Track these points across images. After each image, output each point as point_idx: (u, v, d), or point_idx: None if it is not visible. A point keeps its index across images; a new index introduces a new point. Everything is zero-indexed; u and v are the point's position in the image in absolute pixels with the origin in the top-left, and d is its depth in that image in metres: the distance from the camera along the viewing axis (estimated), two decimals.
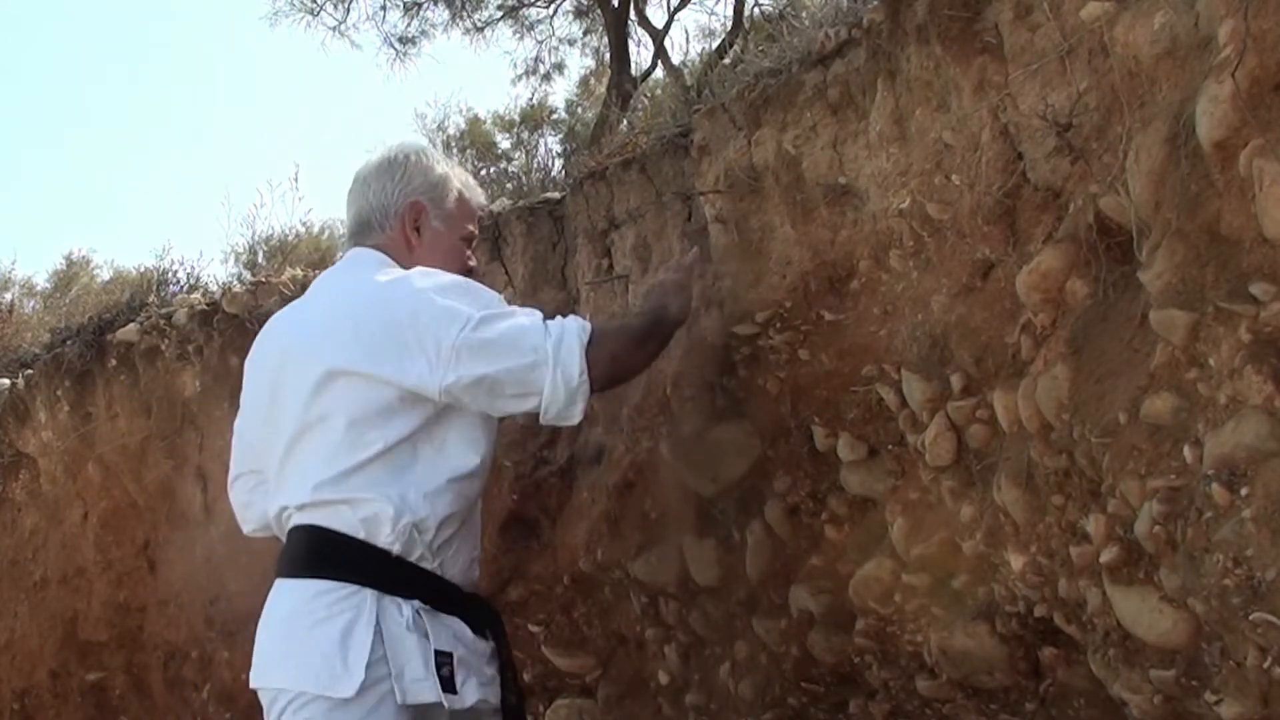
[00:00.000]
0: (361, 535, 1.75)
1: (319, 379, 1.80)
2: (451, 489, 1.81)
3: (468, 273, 1.98)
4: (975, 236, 1.78)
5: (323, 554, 1.78)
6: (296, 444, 1.83)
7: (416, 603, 1.76)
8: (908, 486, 1.94)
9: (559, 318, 1.84)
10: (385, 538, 1.75)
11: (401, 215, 1.97)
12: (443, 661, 1.74)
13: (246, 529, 2.12)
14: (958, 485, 1.83)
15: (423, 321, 1.75)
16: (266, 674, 1.77)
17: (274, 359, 1.94)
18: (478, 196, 2.11)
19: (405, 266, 1.90)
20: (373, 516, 1.75)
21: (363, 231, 1.99)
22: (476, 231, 2.09)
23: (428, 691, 1.71)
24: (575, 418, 1.82)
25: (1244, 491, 1.29)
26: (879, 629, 1.98)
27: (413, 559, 1.77)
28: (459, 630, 1.81)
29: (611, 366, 1.84)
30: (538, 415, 1.82)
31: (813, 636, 2.09)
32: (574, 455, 2.57)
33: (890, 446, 1.98)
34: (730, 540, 2.24)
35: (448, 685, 1.73)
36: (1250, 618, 1.28)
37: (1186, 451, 1.38)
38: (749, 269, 2.16)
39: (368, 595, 1.73)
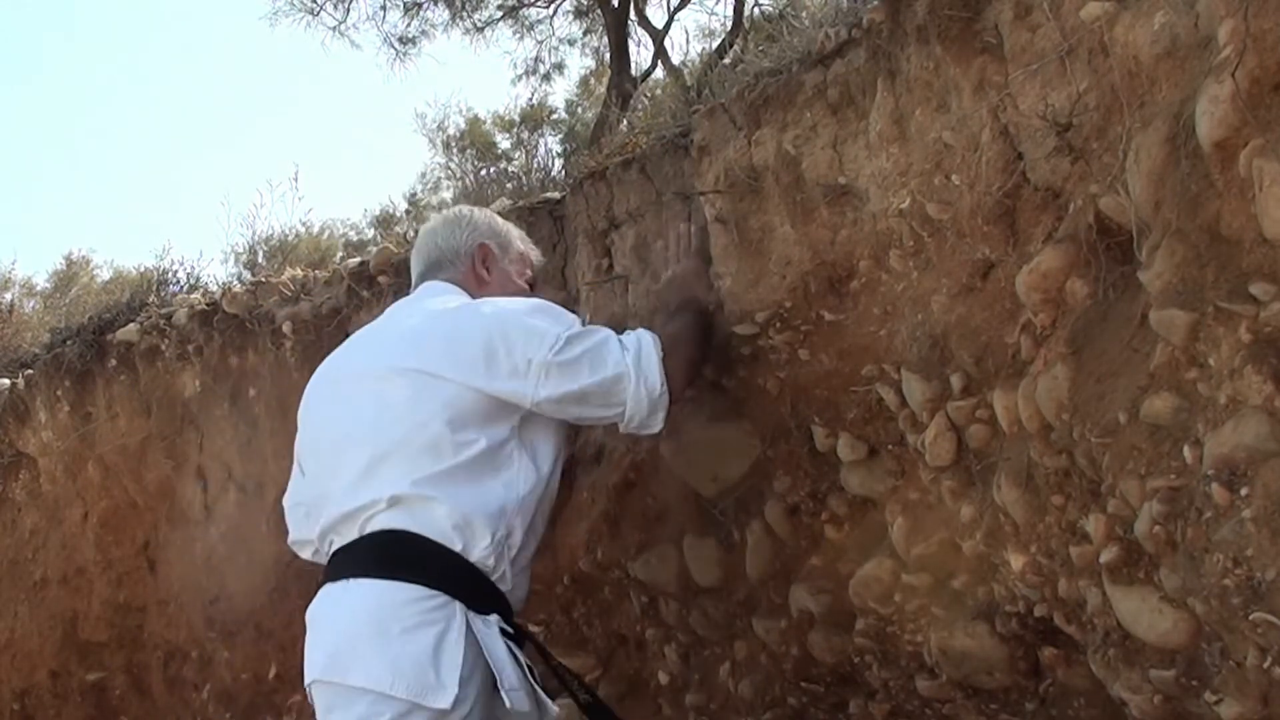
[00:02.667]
0: (454, 545, 1.77)
1: (413, 383, 1.84)
2: (539, 500, 1.88)
3: None
4: (975, 236, 1.78)
5: (412, 559, 1.77)
6: (388, 445, 1.83)
7: (495, 618, 1.78)
8: (908, 486, 1.94)
9: (629, 332, 1.96)
10: (478, 549, 1.78)
11: (471, 255, 2.13)
12: (532, 674, 1.79)
13: (305, 554, 2.11)
14: (958, 485, 1.83)
15: (514, 339, 1.85)
16: (346, 671, 1.72)
17: (353, 372, 1.98)
18: (534, 251, 2.28)
19: (472, 295, 2.03)
20: (469, 523, 1.77)
21: (433, 270, 2.12)
22: (534, 278, 2.24)
23: (525, 700, 1.74)
24: (657, 426, 1.93)
25: (1244, 491, 1.29)
26: (879, 629, 1.98)
27: (494, 577, 1.80)
28: (522, 649, 1.84)
29: (688, 373, 1.99)
30: (618, 426, 1.93)
31: (813, 636, 2.09)
32: (574, 455, 2.57)
33: (890, 446, 1.98)
34: (730, 540, 2.24)
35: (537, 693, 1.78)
36: (1250, 618, 1.28)
37: (1186, 451, 1.38)
38: (749, 269, 2.16)
39: (457, 607, 1.74)
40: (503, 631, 1.78)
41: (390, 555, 1.78)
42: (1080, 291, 1.61)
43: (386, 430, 1.84)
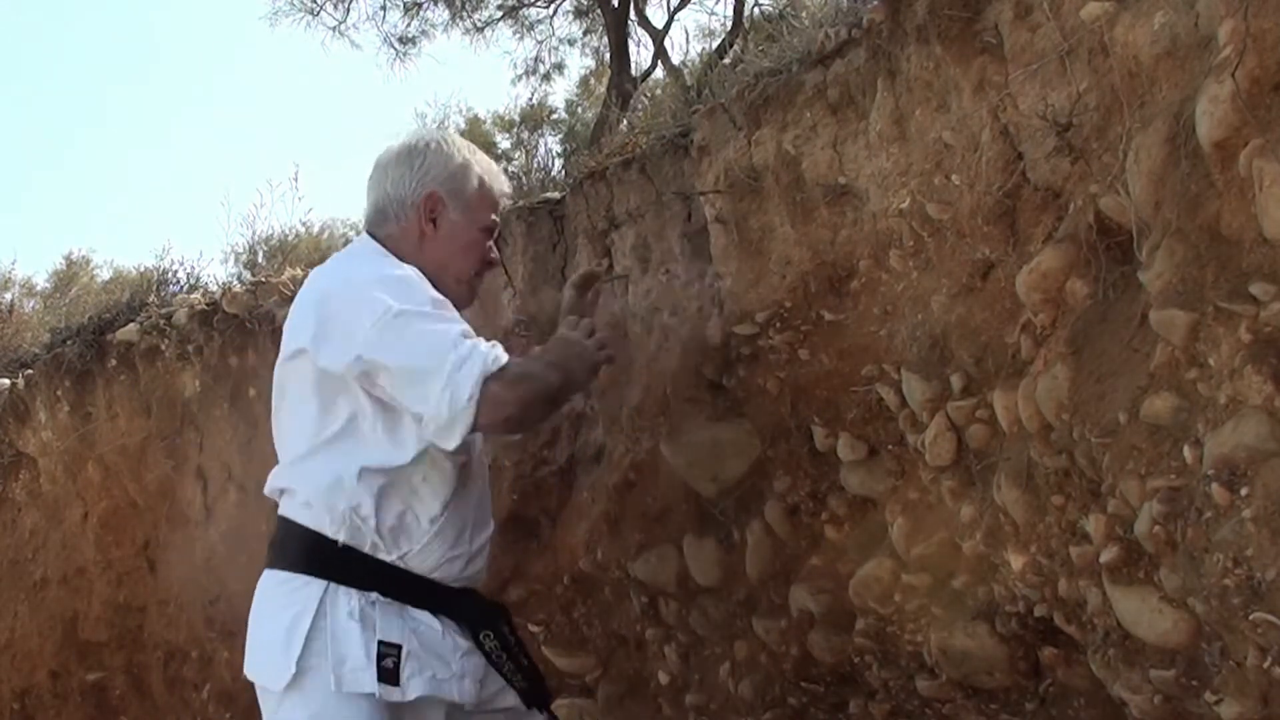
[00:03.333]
0: (311, 524, 1.79)
1: (295, 364, 1.85)
2: (391, 477, 1.80)
3: (488, 265, 1.99)
4: (975, 236, 1.78)
5: (283, 544, 1.83)
6: (281, 433, 1.91)
7: (374, 594, 1.77)
8: (908, 486, 1.94)
9: (480, 343, 1.75)
10: (330, 525, 1.78)
11: (418, 206, 1.94)
12: (386, 653, 1.74)
13: None
14: (958, 485, 1.83)
15: (349, 306, 1.78)
16: (248, 666, 1.82)
17: (279, 362, 1.98)
18: (501, 184, 2.05)
19: (415, 259, 1.89)
20: (311, 501, 1.80)
21: (378, 221, 1.98)
22: (498, 220, 2.05)
23: (365, 682, 1.71)
24: (451, 442, 1.74)
25: (1244, 491, 1.29)
26: (879, 629, 1.98)
27: (365, 549, 1.78)
28: (422, 624, 1.80)
29: (501, 410, 1.73)
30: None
31: (813, 636, 2.09)
32: (574, 455, 2.57)
33: (890, 446, 1.98)
34: (730, 540, 2.24)
35: (388, 677, 1.73)
36: (1250, 618, 1.28)
37: (1186, 451, 1.38)
38: (749, 269, 2.16)
39: (317, 586, 1.76)
40: (386, 604, 1.77)
41: (276, 544, 1.85)
42: (1080, 291, 1.61)
43: (281, 419, 1.91)
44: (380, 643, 1.74)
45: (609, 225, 2.56)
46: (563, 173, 3.71)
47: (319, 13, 9.15)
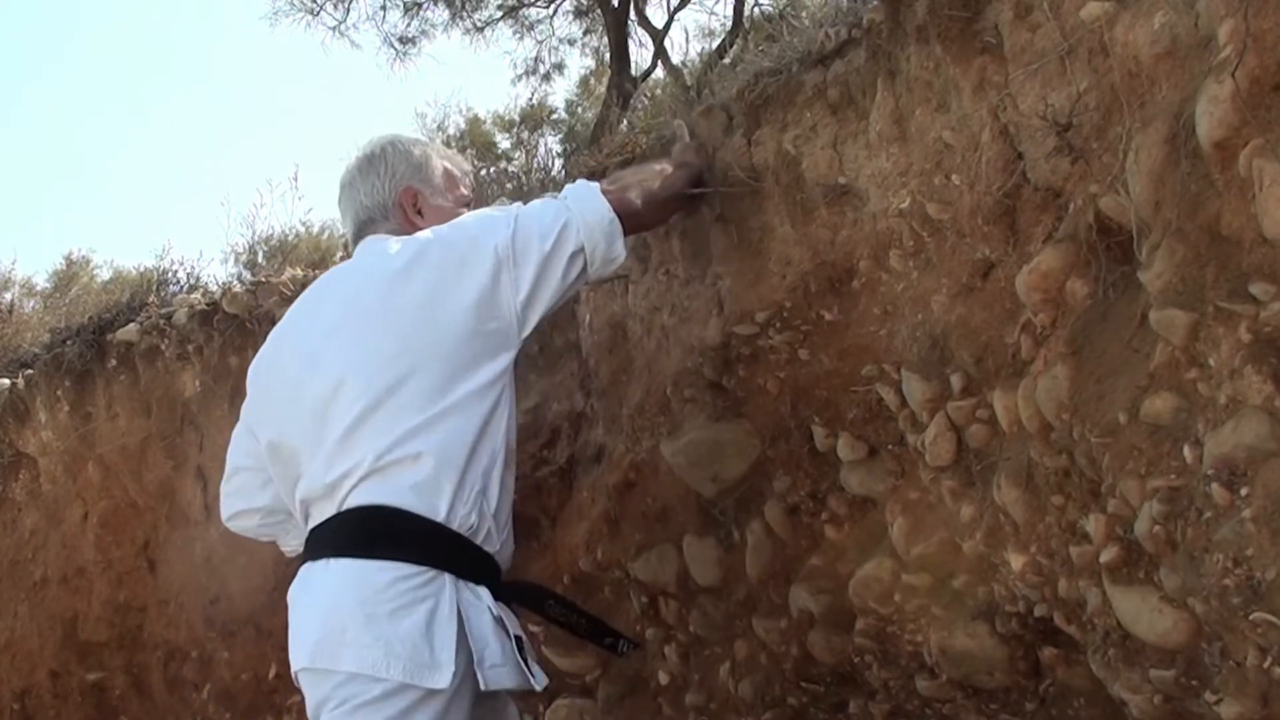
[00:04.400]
0: (439, 516, 1.72)
1: (386, 333, 1.78)
2: (509, 453, 1.87)
3: None
4: (975, 236, 1.78)
5: (395, 535, 1.71)
6: (372, 399, 1.76)
7: (485, 590, 1.75)
8: (908, 486, 1.94)
9: (567, 185, 1.97)
10: (461, 515, 1.73)
11: (400, 205, 2.00)
12: (520, 646, 1.75)
13: (234, 525, 2.08)
14: (958, 485, 1.83)
15: (482, 236, 1.84)
16: (337, 657, 1.67)
17: (309, 342, 1.88)
18: (461, 163, 2.14)
19: None
20: (446, 488, 1.72)
21: (366, 228, 2.00)
22: (470, 194, 2.12)
23: (507, 677, 1.71)
24: (619, 256, 1.92)
25: (1244, 491, 1.29)
26: (879, 629, 1.98)
27: (479, 540, 1.76)
28: (513, 616, 1.82)
29: (631, 202, 1.95)
30: (587, 274, 1.92)
31: (813, 636, 2.09)
32: (574, 455, 2.57)
33: (890, 446, 1.98)
34: (730, 540, 2.24)
35: (525, 665, 1.74)
36: (1250, 618, 1.28)
37: (1186, 451, 1.38)
38: (749, 269, 2.16)
39: (446, 580, 1.70)
40: (495, 599, 1.77)
41: (370, 531, 1.72)
42: (1080, 291, 1.61)
43: (365, 388, 1.76)
44: (515, 637, 1.76)
45: None
46: (563, 173, 3.72)
47: (319, 13, 9.16)
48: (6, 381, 3.84)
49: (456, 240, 1.84)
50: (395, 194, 1.99)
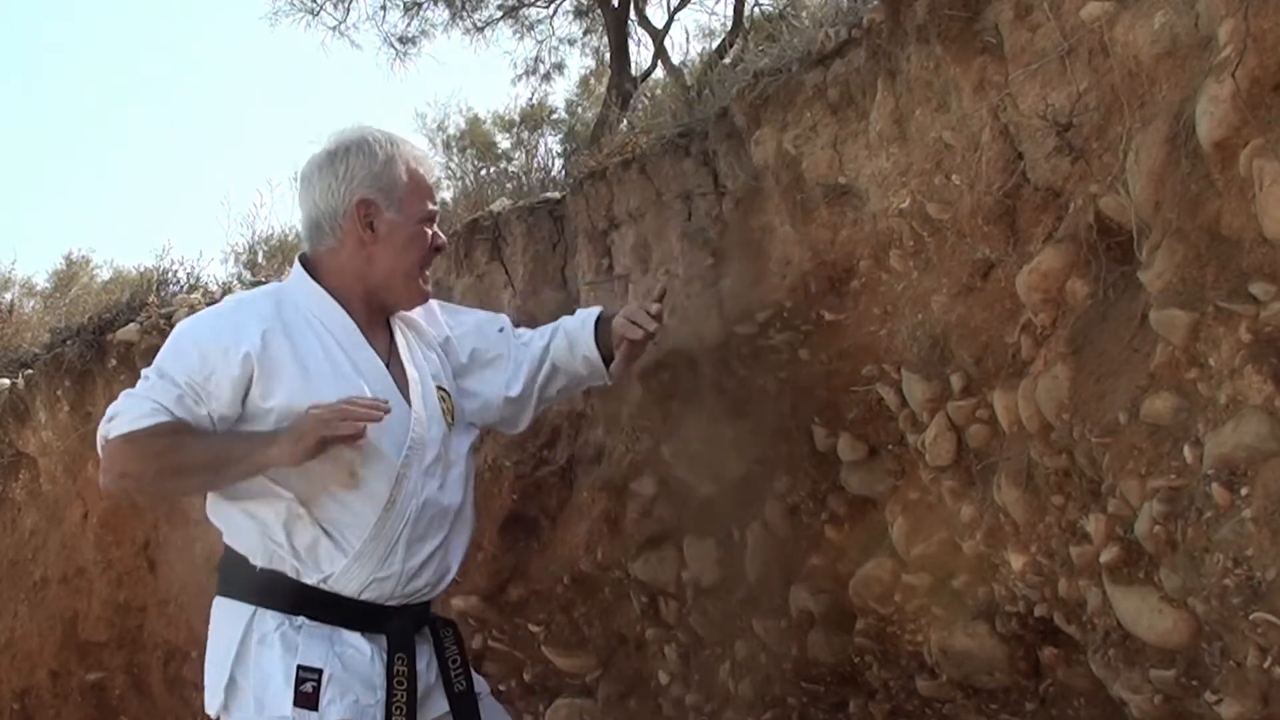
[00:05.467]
0: (239, 548, 1.84)
1: None
2: (292, 502, 1.79)
3: (435, 251, 1.95)
4: (975, 236, 1.78)
5: (222, 571, 1.90)
6: None
7: (302, 618, 1.77)
8: (908, 486, 1.94)
9: (149, 404, 1.82)
10: (251, 548, 1.82)
11: (351, 216, 1.87)
12: (305, 677, 1.73)
13: None
14: (958, 485, 1.83)
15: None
16: None
17: None
18: (429, 168, 1.98)
19: (360, 267, 1.88)
20: (235, 526, 1.85)
21: (316, 237, 1.92)
22: (436, 207, 1.98)
23: (283, 706, 1.72)
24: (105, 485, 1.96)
25: (1244, 491, 1.29)
26: (879, 629, 1.98)
27: (287, 573, 1.79)
28: (350, 648, 1.78)
29: (108, 475, 1.92)
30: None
31: (813, 636, 2.09)
32: (574, 455, 2.57)
33: (890, 446, 1.97)
34: (730, 540, 2.24)
35: (306, 701, 1.71)
36: (1250, 618, 1.28)
37: (1186, 451, 1.38)
38: (749, 269, 2.16)
39: (247, 611, 1.79)
40: (314, 627, 1.77)
41: (219, 569, 1.93)
42: (1080, 291, 1.61)
43: None
44: (300, 667, 1.73)
45: (609, 225, 2.56)
46: (563, 173, 3.71)
47: (319, 13, 9.14)
48: (6, 381, 3.84)
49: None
50: (349, 202, 1.87)
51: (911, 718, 2.00)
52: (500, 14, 10.10)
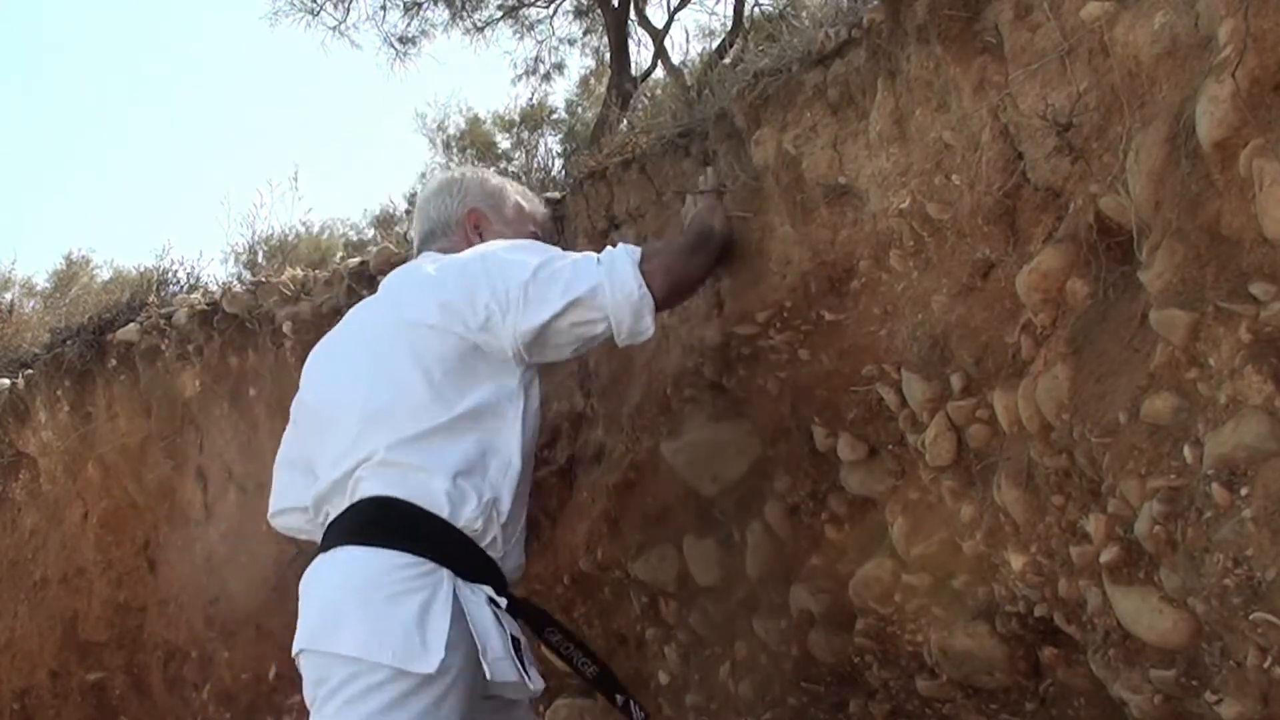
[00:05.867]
0: (433, 508, 1.76)
1: (405, 336, 1.86)
2: (525, 467, 1.87)
3: None
4: (975, 236, 1.78)
5: (399, 526, 1.76)
6: (377, 406, 1.83)
7: (486, 588, 1.77)
8: (908, 486, 1.94)
9: (610, 249, 1.93)
10: (467, 516, 1.77)
11: (462, 223, 2.10)
12: (517, 646, 1.77)
13: (277, 522, 2.13)
14: (958, 485, 1.83)
15: (492, 272, 1.85)
16: (333, 639, 1.71)
17: (346, 341, 2.02)
18: (536, 206, 2.23)
19: None
20: (455, 490, 1.77)
21: (428, 242, 2.11)
22: (539, 234, 2.19)
23: (510, 671, 1.72)
24: (647, 331, 1.89)
25: (1244, 491, 1.29)
26: (879, 629, 1.98)
27: (484, 544, 1.79)
28: (511, 619, 1.82)
29: (667, 278, 1.92)
30: (614, 341, 1.90)
31: (813, 636, 2.09)
32: (574, 455, 2.57)
33: (890, 446, 1.98)
34: (730, 540, 2.24)
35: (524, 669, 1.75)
36: (1250, 618, 1.28)
37: (1186, 451, 1.38)
38: (749, 269, 2.16)
39: (444, 574, 1.73)
40: (491, 601, 1.77)
41: (376, 521, 1.77)
42: (1080, 291, 1.61)
43: (378, 390, 1.85)
44: (511, 636, 1.77)
45: (609, 225, 2.56)
46: (563, 173, 3.71)
47: (319, 13, 9.16)
48: (6, 381, 3.84)
49: (474, 272, 1.87)
50: (461, 212, 2.10)
51: (911, 718, 2.00)
52: (500, 14, 10.12)
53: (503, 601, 1.79)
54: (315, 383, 2.05)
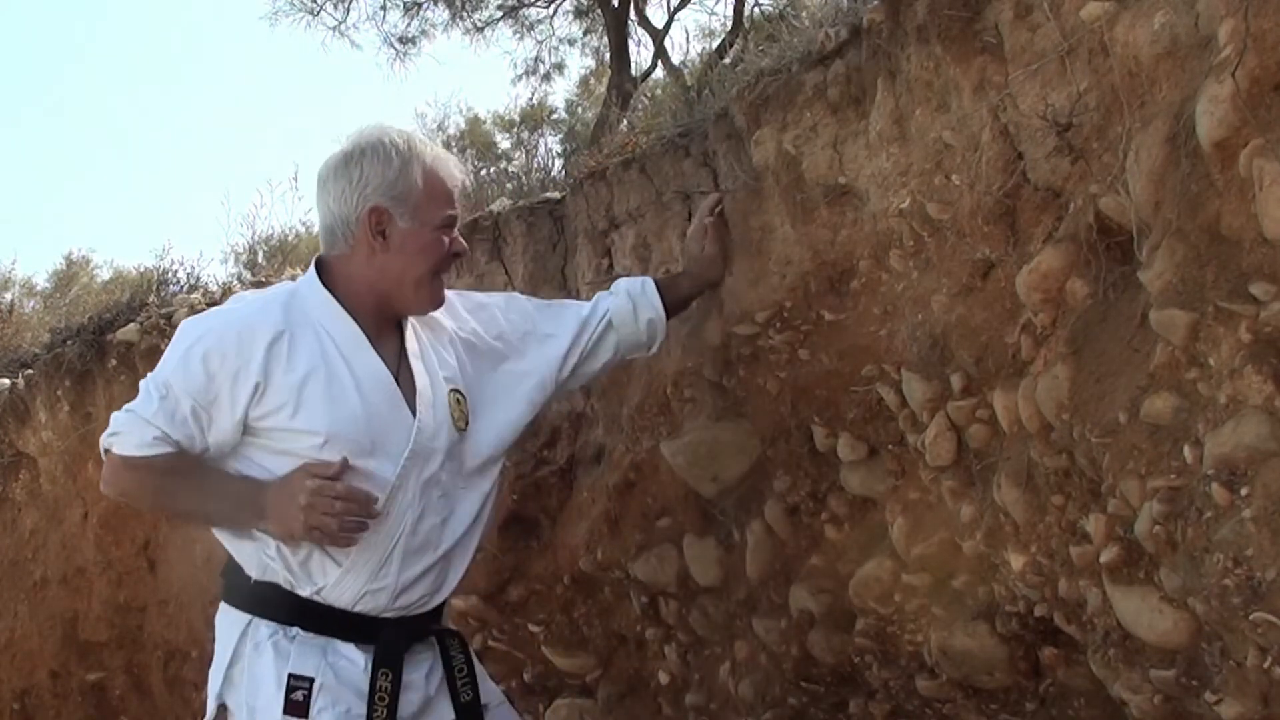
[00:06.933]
0: (236, 558, 1.85)
1: None
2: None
3: (453, 257, 1.91)
4: (975, 236, 1.78)
5: (224, 577, 1.91)
6: None
7: (296, 629, 1.77)
8: (908, 486, 1.94)
9: (141, 421, 1.76)
10: (246, 559, 1.83)
11: (363, 223, 1.82)
12: (296, 685, 1.73)
13: None
14: (958, 485, 1.83)
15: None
16: None
17: None
18: (451, 172, 1.90)
19: (371, 274, 1.84)
20: (231, 539, 1.84)
21: (330, 242, 1.89)
22: (455, 212, 1.91)
23: (273, 712, 1.73)
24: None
25: (1244, 491, 1.29)
26: (879, 629, 1.98)
27: (281, 584, 1.79)
28: (344, 659, 1.77)
29: (106, 486, 1.88)
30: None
31: (813, 636, 2.09)
32: (574, 455, 2.57)
33: (890, 446, 1.97)
34: (730, 540, 2.24)
35: (296, 709, 1.72)
36: (1250, 618, 1.28)
37: (1186, 451, 1.38)
38: (749, 269, 2.17)
39: (243, 619, 1.81)
40: (308, 638, 1.77)
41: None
42: (1080, 291, 1.61)
43: None
44: (291, 675, 1.74)
45: (609, 225, 2.56)
46: (563, 173, 3.71)
47: (319, 13, 9.16)
48: (6, 381, 3.84)
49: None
50: (361, 209, 1.82)
51: (911, 718, 2.00)
52: (500, 14, 10.11)
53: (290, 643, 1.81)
54: None
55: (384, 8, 9.44)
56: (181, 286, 3.97)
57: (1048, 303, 1.66)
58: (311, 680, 1.74)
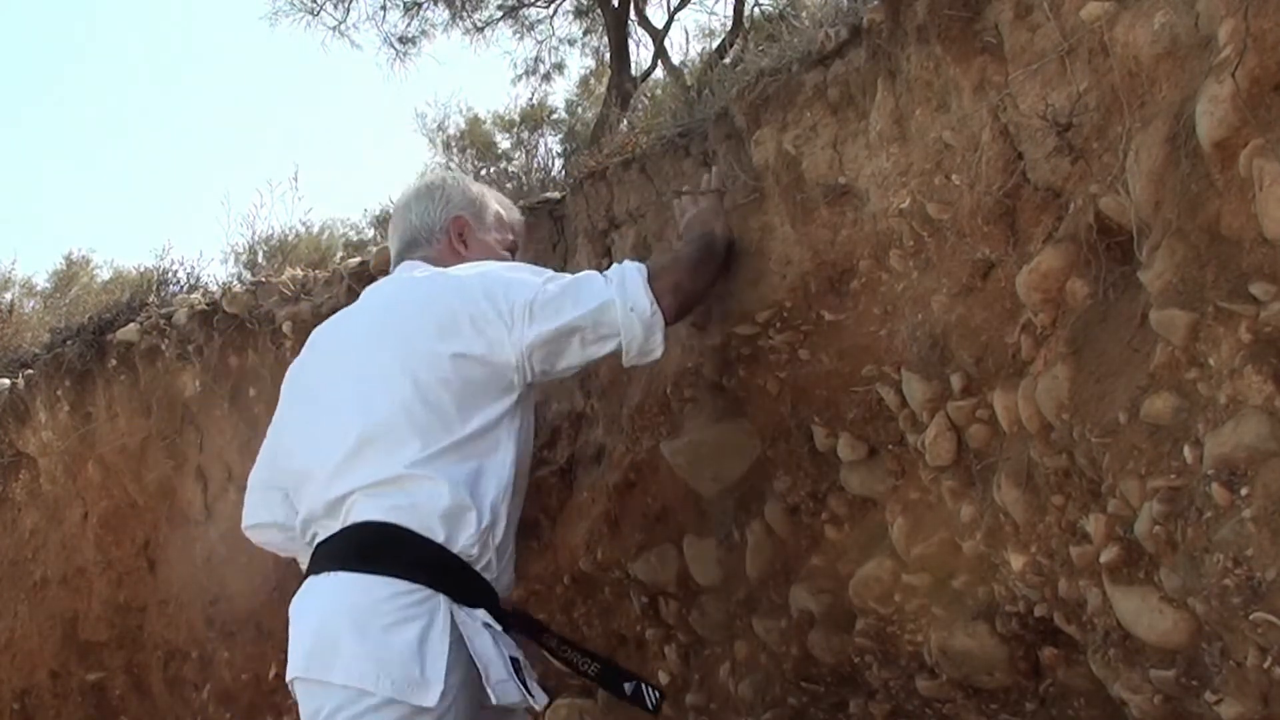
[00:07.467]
0: (439, 538, 1.75)
1: (389, 354, 1.83)
2: (519, 489, 1.88)
3: None
4: (975, 236, 1.78)
5: (394, 552, 1.74)
6: (373, 427, 1.81)
7: (482, 611, 1.77)
8: (908, 486, 1.94)
9: (614, 265, 1.94)
10: (464, 541, 1.76)
11: (447, 230, 2.08)
12: (517, 666, 1.77)
13: (254, 535, 2.11)
14: (958, 485, 1.83)
15: (496, 293, 1.84)
16: (329, 668, 1.70)
17: (328, 359, 1.99)
18: (514, 214, 2.24)
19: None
20: (451, 515, 1.75)
21: (409, 249, 2.08)
22: (517, 240, 2.22)
23: (513, 692, 1.73)
24: (656, 350, 1.91)
25: (1244, 491, 1.29)
26: (879, 629, 1.98)
27: (479, 568, 1.79)
28: (509, 638, 1.82)
29: (676, 296, 1.93)
30: (622, 359, 1.90)
31: (813, 636, 2.09)
32: (574, 455, 2.57)
33: (890, 446, 1.97)
34: (730, 540, 2.24)
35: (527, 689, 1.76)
36: (1250, 618, 1.28)
37: (1186, 451, 1.38)
38: (749, 269, 2.16)
39: (441, 600, 1.72)
40: (487, 624, 1.77)
41: (371, 547, 1.75)
42: (1080, 291, 1.61)
43: (373, 414, 1.81)
44: (510, 657, 1.77)
45: (609, 225, 2.56)
46: (563, 173, 3.72)
47: (319, 13, 9.17)
48: (6, 381, 3.84)
49: (474, 290, 1.86)
50: (445, 220, 2.08)
51: (911, 718, 2.00)
52: (500, 14, 10.12)
53: (497, 626, 1.79)
54: (301, 400, 2.02)
55: (384, 8, 9.45)
56: (181, 286, 3.97)
57: (1048, 303, 1.66)
58: (519, 660, 1.81)
